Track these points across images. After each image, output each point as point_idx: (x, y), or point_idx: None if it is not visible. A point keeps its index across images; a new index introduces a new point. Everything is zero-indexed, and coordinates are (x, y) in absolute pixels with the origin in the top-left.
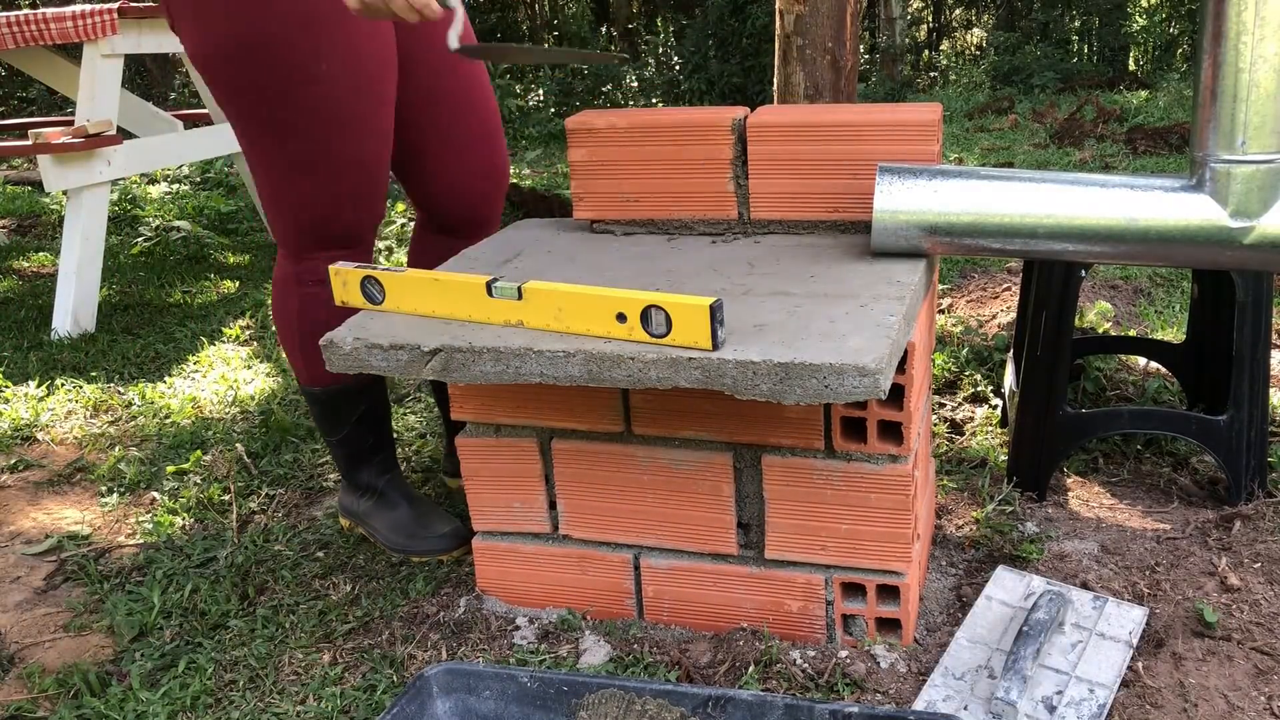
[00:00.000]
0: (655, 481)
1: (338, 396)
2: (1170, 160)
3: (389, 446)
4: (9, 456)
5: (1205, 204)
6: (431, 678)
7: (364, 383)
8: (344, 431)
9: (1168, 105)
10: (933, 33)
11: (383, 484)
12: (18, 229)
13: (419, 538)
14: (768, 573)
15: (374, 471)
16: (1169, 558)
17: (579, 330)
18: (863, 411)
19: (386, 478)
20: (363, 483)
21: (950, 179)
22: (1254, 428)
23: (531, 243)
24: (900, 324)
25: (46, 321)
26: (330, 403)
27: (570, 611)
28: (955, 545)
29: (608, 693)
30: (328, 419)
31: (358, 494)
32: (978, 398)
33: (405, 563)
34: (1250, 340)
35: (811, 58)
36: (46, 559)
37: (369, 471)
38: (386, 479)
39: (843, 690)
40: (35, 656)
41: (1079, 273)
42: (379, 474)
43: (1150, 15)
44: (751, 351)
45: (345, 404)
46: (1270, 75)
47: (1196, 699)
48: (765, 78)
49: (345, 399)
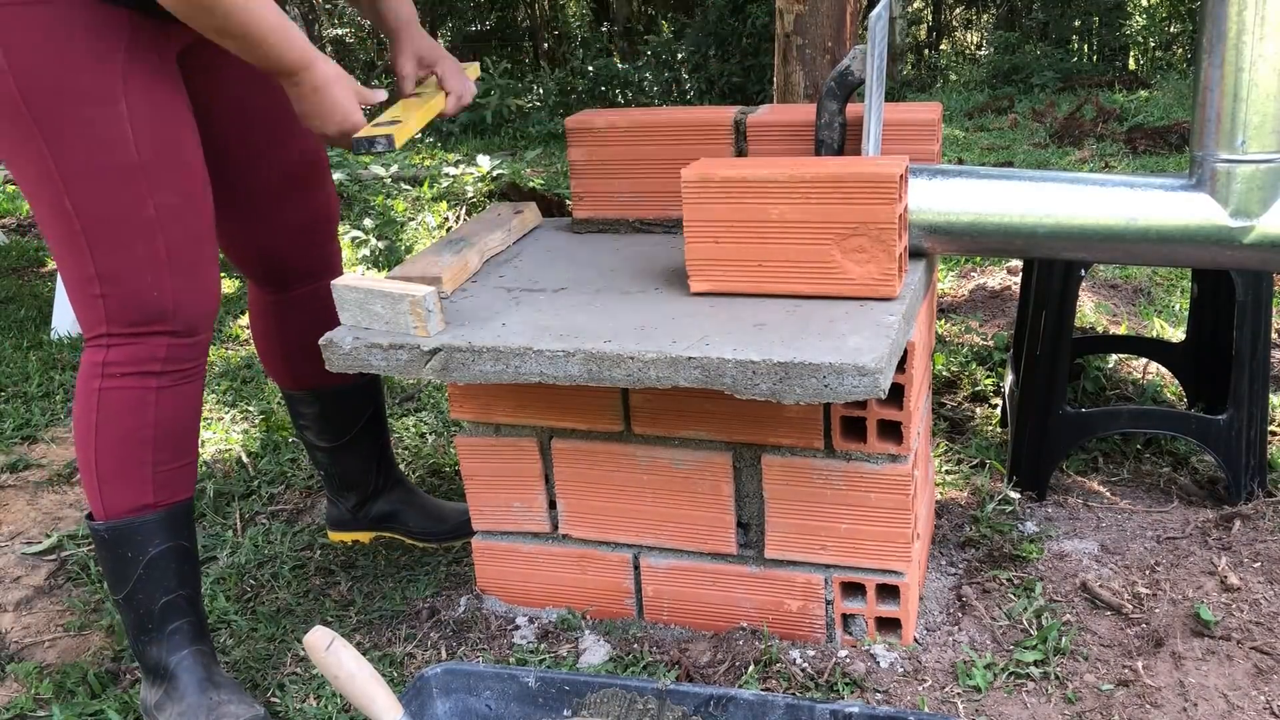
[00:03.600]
0: (655, 481)
1: (129, 530)
2: (1170, 160)
3: (199, 602)
4: (9, 456)
5: (1205, 204)
6: (431, 678)
7: (176, 502)
8: (130, 585)
9: (1168, 105)
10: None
11: (176, 661)
12: (17, 229)
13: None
14: (767, 572)
15: (169, 644)
16: (1169, 557)
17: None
18: (862, 411)
19: (185, 653)
20: (151, 661)
21: (950, 179)
22: (1254, 427)
23: (531, 242)
24: (900, 323)
25: (46, 321)
26: (116, 540)
27: (570, 611)
28: (955, 545)
29: (608, 692)
30: (115, 564)
31: (148, 678)
32: (978, 398)
33: (406, 562)
34: (1250, 340)
35: (811, 57)
36: (46, 559)
37: (161, 645)
38: (185, 655)
39: (843, 690)
40: (35, 656)
41: (1079, 273)
42: (176, 647)
43: (1150, 15)
44: (751, 351)
45: (138, 540)
46: (1270, 75)
47: (1196, 698)
48: (765, 77)
49: (149, 530)
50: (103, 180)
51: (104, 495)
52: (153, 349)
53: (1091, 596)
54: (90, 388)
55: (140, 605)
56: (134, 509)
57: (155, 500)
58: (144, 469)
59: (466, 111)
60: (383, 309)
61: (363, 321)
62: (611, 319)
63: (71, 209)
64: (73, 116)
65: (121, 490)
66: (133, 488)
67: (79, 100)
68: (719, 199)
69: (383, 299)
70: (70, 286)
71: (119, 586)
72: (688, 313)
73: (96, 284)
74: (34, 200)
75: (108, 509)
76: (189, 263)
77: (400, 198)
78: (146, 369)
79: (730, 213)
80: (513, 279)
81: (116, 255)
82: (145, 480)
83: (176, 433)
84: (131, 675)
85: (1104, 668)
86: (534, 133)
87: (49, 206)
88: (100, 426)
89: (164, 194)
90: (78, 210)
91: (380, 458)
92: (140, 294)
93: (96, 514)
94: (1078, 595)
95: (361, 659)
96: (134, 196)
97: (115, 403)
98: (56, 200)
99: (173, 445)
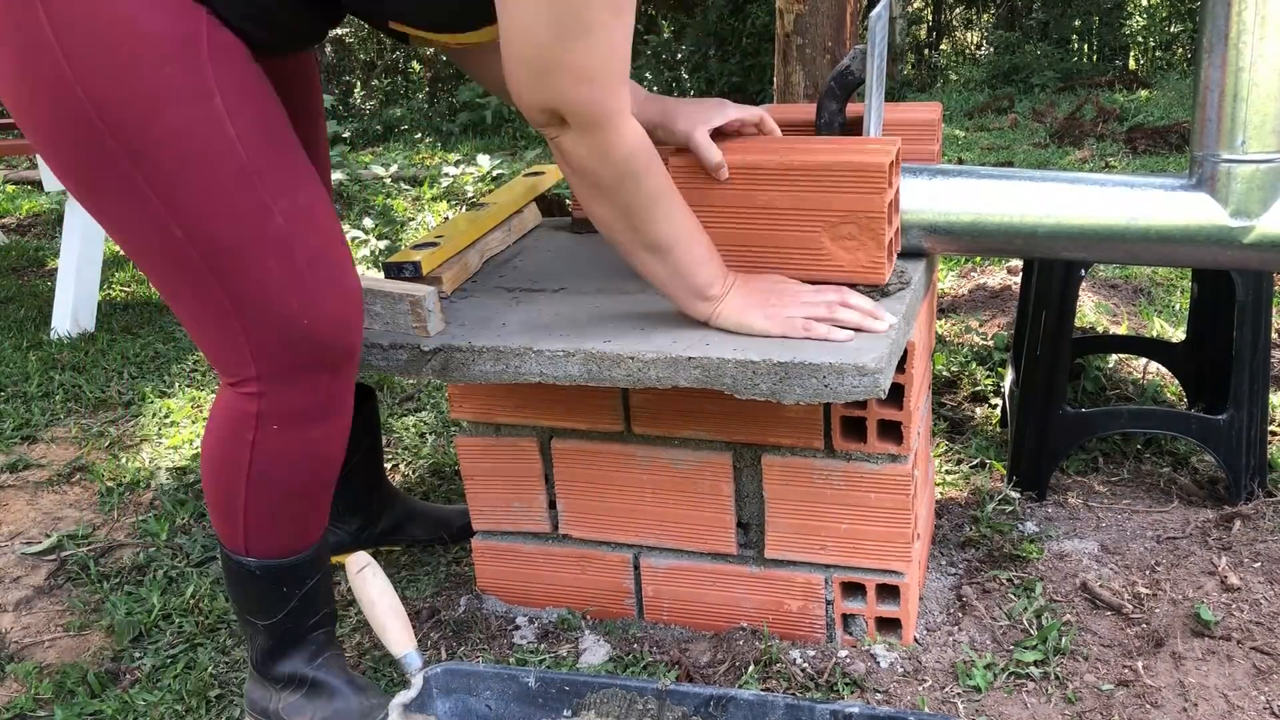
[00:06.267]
0: (655, 481)
1: (291, 569)
2: (1170, 160)
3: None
4: (9, 456)
5: (1205, 203)
6: (431, 678)
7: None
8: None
9: (1168, 105)
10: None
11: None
12: (17, 229)
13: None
14: (767, 572)
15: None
16: (1169, 557)
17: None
18: (862, 411)
19: (325, 655)
20: (285, 672)
21: (950, 178)
22: (1254, 427)
23: (531, 242)
24: (900, 323)
25: (46, 321)
26: (274, 578)
27: (570, 611)
28: (955, 545)
29: (608, 692)
30: (266, 597)
31: (277, 686)
32: (978, 398)
33: (406, 563)
34: (1250, 340)
35: (811, 57)
36: (46, 559)
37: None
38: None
39: (843, 690)
40: (35, 656)
41: (1079, 272)
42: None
43: (1150, 15)
44: (751, 351)
45: (299, 575)
46: (1270, 75)
47: (1196, 698)
48: (765, 77)
49: (308, 567)
50: (214, 193)
51: (249, 540)
52: (312, 394)
53: (1091, 596)
54: (241, 438)
55: (287, 630)
56: (282, 551)
57: (305, 542)
58: (297, 520)
59: (466, 111)
60: (382, 309)
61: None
62: (611, 319)
63: (183, 236)
64: (160, 122)
65: (271, 537)
66: (284, 536)
67: (165, 102)
68: (707, 184)
69: (382, 299)
70: (200, 331)
71: (264, 614)
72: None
73: (234, 320)
74: (131, 239)
75: (250, 548)
76: (334, 274)
77: (400, 198)
78: (305, 417)
79: (718, 198)
80: (513, 279)
81: (251, 280)
82: (299, 528)
83: (331, 476)
84: (131, 675)
85: (1104, 668)
86: (534, 133)
87: (154, 241)
88: (252, 481)
89: (289, 196)
90: (190, 236)
91: (380, 478)
92: (289, 323)
93: (232, 548)
94: (1078, 595)
95: (388, 590)
96: (256, 205)
97: (274, 459)
98: (162, 230)
99: (326, 489)
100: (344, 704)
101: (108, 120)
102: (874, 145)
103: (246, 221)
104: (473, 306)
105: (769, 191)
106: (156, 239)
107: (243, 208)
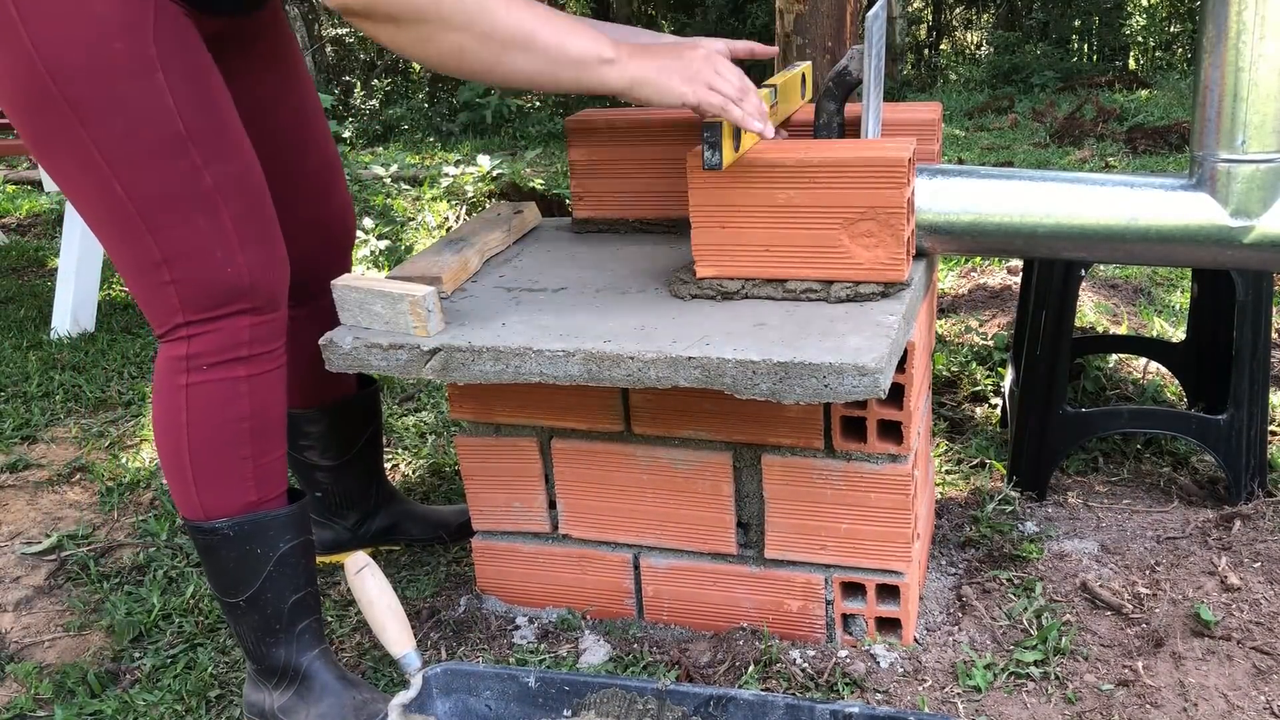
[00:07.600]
0: (655, 481)
1: (258, 526)
2: (1170, 160)
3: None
4: (9, 456)
5: (1205, 203)
6: (431, 678)
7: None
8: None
9: (1168, 105)
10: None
11: (308, 661)
12: (17, 228)
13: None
14: (767, 572)
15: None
16: (1169, 557)
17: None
18: (862, 411)
19: (315, 651)
20: (278, 663)
21: (950, 178)
22: (1254, 427)
23: (531, 242)
24: (900, 323)
25: (46, 321)
26: (244, 538)
27: (570, 611)
28: (955, 545)
29: (608, 692)
30: (238, 566)
31: (270, 682)
32: (978, 398)
33: (406, 563)
34: (1250, 340)
35: (811, 57)
36: (46, 559)
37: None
38: (316, 653)
39: (843, 690)
40: (35, 656)
41: (1079, 272)
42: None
43: (1150, 15)
44: (751, 351)
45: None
46: (1270, 74)
47: (1196, 698)
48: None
49: (281, 525)
50: (152, 156)
51: (202, 497)
52: (236, 333)
53: (1091, 596)
54: (175, 385)
55: (268, 605)
56: (241, 507)
57: (260, 496)
58: (244, 464)
59: (466, 111)
60: (382, 309)
61: (363, 321)
62: (611, 319)
63: (122, 192)
64: (107, 92)
65: (222, 489)
66: (234, 486)
67: (112, 75)
68: (726, 183)
69: (382, 299)
70: (134, 281)
71: (242, 587)
72: (688, 312)
73: (164, 269)
74: (78, 193)
75: (208, 510)
76: (257, 232)
77: (400, 197)
78: (233, 356)
79: (737, 197)
80: (513, 279)
81: (180, 233)
82: (246, 476)
83: (270, 422)
84: (131, 675)
85: (1104, 668)
86: (534, 133)
87: (96, 196)
88: (191, 425)
89: (219, 163)
90: (129, 192)
91: (379, 472)
92: (213, 271)
93: (192, 516)
94: (1078, 595)
95: (387, 590)
96: (188, 168)
97: (205, 397)
98: (104, 186)
99: (267, 436)
100: (336, 700)
101: (62, 88)
102: (892, 142)
103: (179, 182)
104: (473, 306)
105: (788, 189)
106: (100, 194)
107: (176, 169)
